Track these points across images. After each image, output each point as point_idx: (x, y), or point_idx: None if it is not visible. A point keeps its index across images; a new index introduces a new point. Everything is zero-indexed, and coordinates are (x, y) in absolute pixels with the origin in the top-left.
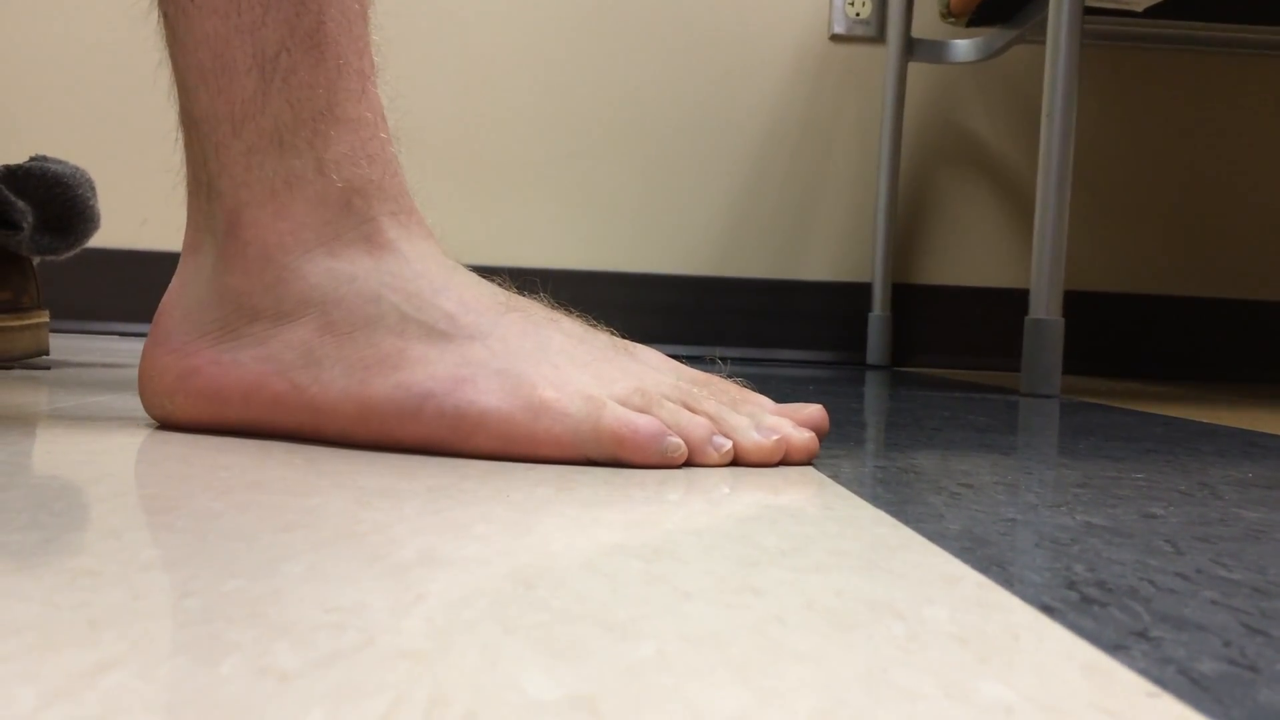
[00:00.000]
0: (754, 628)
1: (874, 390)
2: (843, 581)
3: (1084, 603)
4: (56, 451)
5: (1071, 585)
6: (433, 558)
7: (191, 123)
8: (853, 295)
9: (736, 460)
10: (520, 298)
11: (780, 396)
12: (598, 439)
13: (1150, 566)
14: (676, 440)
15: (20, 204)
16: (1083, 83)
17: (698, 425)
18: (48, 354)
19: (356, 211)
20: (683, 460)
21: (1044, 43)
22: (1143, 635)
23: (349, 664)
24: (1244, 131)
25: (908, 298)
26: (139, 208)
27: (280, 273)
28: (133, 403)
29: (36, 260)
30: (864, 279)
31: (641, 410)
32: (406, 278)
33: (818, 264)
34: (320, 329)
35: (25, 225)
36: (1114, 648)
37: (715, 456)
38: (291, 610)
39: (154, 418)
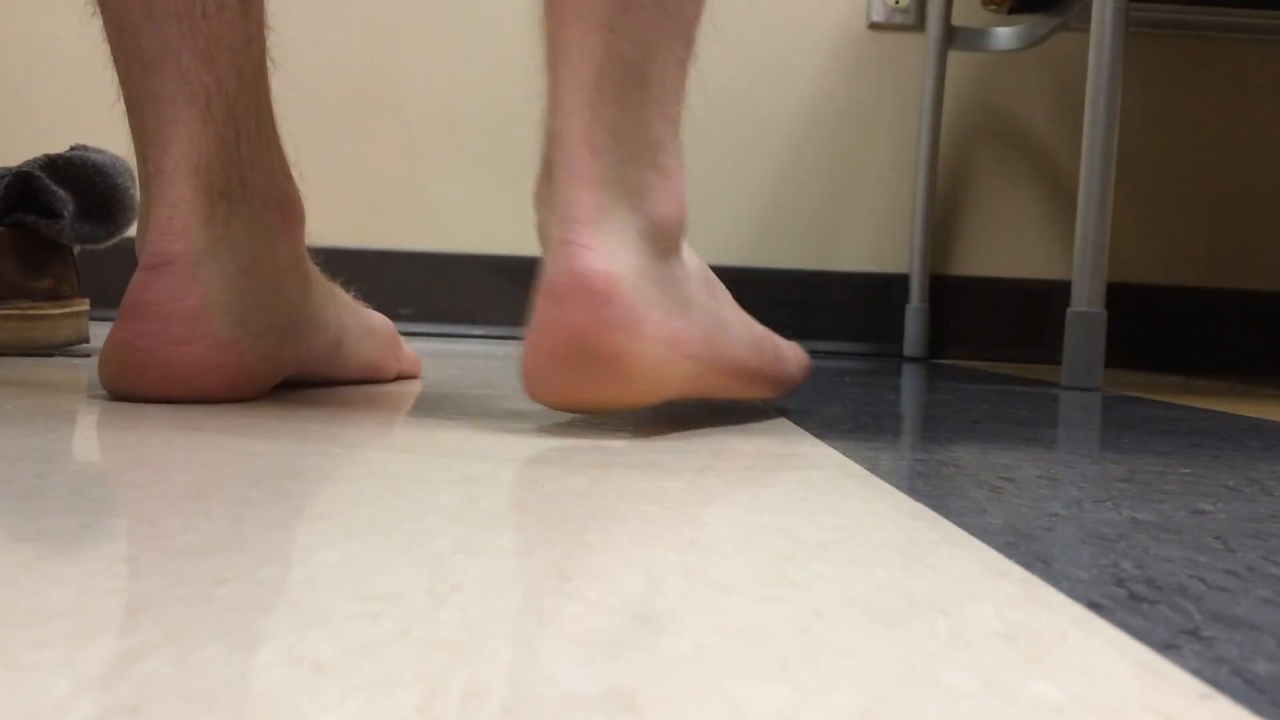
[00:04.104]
0: (793, 622)
1: (911, 383)
2: (883, 576)
3: (1133, 600)
4: (94, 438)
5: (1119, 582)
6: (467, 547)
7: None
8: (890, 287)
9: None
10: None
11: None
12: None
13: (1200, 564)
14: None
15: (61, 193)
16: (1127, 71)
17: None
18: (88, 341)
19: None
20: None
21: (1087, 30)
22: (1194, 634)
23: (384, 654)
24: None
25: (946, 289)
26: None
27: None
28: None
29: (77, 249)
30: (901, 270)
31: None
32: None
33: (854, 255)
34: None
35: (66, 214)
36: (1165, 647)
37: None
38: (326, 599)
39: None
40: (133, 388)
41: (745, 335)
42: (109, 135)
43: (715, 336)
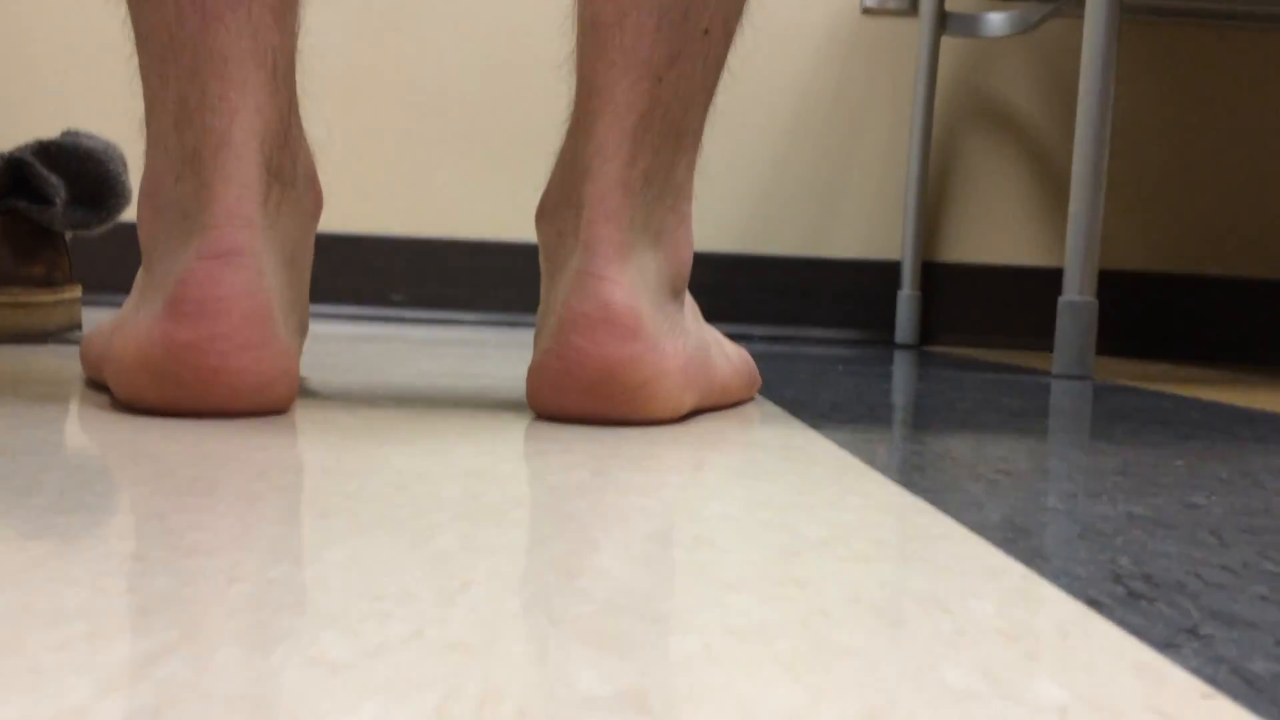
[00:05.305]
0: (800, 621)
1: (904, 371)
2: (886, 573)
3: (1131, 597)
4: (94, 430)
5: (1117, 579)
6: (474, 544)
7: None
8: (882, 273)
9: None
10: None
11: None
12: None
13: (1196, 559)
14: None
15: (53, 179)
16: (1120, 58)
17: None
18: (80, 328)
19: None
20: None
21: (1081, 16)
22: (1193, 632)
23: (399, 656)
24: None
25: (938, 276)
26: None
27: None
28: None
29: (69, 235)
30: (893, 257)
31: None
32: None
33: (847, 241)
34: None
35: (58, 200)
36: (1164, 645)
37: None
38: (338, 599)
39: None
40: (191, 397)
41: (722, 353)
42: (102, 121)
43: (707, 362)
